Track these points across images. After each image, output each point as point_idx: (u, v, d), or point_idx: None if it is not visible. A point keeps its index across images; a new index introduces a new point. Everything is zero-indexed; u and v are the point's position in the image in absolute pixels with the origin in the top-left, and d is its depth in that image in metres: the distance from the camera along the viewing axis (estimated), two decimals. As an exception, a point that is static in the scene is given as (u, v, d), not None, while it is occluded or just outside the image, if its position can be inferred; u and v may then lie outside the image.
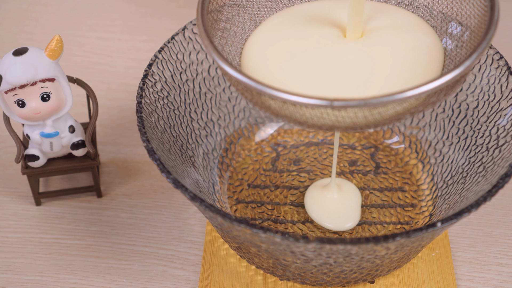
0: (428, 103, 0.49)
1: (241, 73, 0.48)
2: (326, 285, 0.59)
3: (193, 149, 0.63)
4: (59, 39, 0.59)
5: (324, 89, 0.49)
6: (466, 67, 0.47)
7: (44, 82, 0.60)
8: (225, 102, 0.66)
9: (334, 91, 0.49)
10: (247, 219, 0.63)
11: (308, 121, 0.48)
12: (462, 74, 0.47)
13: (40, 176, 0.65)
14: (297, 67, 0.51)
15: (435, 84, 0.46)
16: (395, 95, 0.46)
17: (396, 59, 0.51)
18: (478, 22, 0.51)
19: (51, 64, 0.60)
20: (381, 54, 0.51)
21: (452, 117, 0.63)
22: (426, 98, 0.49)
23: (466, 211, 0.50)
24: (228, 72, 0.48)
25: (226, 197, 0.65)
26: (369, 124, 0.48)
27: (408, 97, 0.46)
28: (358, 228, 0.63)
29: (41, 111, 0.60)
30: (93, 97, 0.64)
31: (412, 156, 0.67)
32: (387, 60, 0.50)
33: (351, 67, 0.50)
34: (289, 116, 0.49)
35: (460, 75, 0.47)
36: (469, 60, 0.47)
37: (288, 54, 0.52)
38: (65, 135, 0.63)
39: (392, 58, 0.51)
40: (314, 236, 0.61)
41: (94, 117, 0.64)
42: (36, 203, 0.67)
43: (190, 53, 0.63)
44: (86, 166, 0.65)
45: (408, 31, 0.53)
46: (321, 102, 0.46)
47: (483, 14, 0.51)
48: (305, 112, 0.48)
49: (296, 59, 0.51)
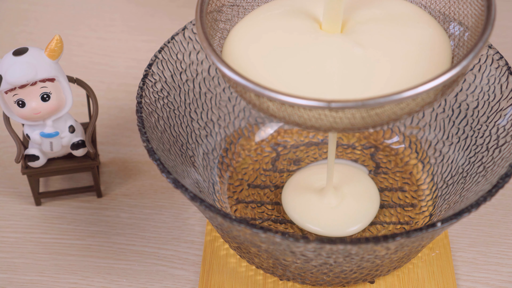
0: (426, 103, 0.49)
1: (239, 75, 0.48)
2: (326, 285, 0.59)
3: (193, 149, 0.63)
4: (59, 39, 0.59)
5: (319, 89, 0.49)
6: (463, 67, 0.47)
7: (44, 82, 0.60)
8: (225, 102, 0.66)
9: (331, 90, 0.49)
10: (247, 219, 0.63)
11: (306, 123, 0.49)
12: (459, 74, 0.47)
13: (40, 176, 0.65)
14: (284, 64, 0.51)
15: (432, 84, 0.46)
16: (392, 96, 0.46)
17: (394, 54, 0.50)
18: (475, 22, 0.51)
19: (51, 64, 0.60)
20: (377, 50, 0.51)
21: (452, 117, 0.63)
22: (424, 98, 0.49)
23: (466, 211, 0.50)
24: (226, 74, 0.48)
25: (226, 197, 0.65)
26: (367, 125, 0.48)
27: (406, 97, 0.46)
28: (358, 228, 0.63)
29: (41, 111, 0.60)
30: (93, 97, 0.64)
31: (412, 156, 0.67)
32: (383, 58, 0.50)
33: (346, 65, 0.50)
34: (287, 118, 0.49)
35: (457, 75, 0.47)
36: (466, 60, 0.47)
37: (273, 49, 0.52)
38: (65, 135, 0.63)
39: (389, 55, 0.50)
40: (314, 236, 0.61)
41: (94, 117, 0.64)
42: (36, 203, 0.67)
43: (190, 53, 0.63)
44: (86, 166, 0.65)
45: (408, 22, 0.53)
46: (319, 103, 0.46)
47: (480, 14, 0.51)
48: (303, 114, 0.48)
49: (282, 56, 0.51)
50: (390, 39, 0.51)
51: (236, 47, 0.53)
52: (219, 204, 0.63)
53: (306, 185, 0.64)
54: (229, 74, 0.48)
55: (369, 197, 0.64)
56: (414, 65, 0.50)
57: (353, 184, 0.64)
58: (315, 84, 0.49)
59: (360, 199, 0.63)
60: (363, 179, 0.65)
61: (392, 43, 0.51)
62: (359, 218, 0.62)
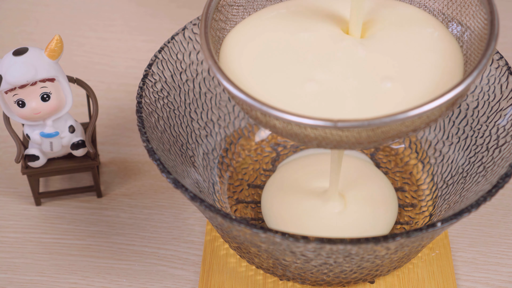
0: (430, 120, 0.49)
1: (247, 95, 0.48)
2: (326, 285, 0.59)
3: (193, 149, 0.63)
4: (59, 39, 0.59)
5: (328, 107, 0.49)
6: (466, 85, 0.47)
7: (44, 82, 0.60)
8: (225, 102, 0.66)
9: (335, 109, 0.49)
10: (247, 219, 0.63)
11: (312, 141, 0.49)
12: (462, 93, 0.47)
13: (40, 176, 0.65)
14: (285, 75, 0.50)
15: (436, 103, 0.46)
16: (397, 116, 0.46)
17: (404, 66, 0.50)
18: (479, 35, 0.51)
19: (51, 64, 0.60)
20: (387, 60, 0.51)
21: (452, 117, 0.63)
22: (429, 115, 0.48)
23: (466, 211, 0.50)
24: (234, 95, 0.48)
25: (226, 197, 0.65)
26: (372, 142, 0.48)
27: (410, 116, 0.46)
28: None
29: (41, 111, 0.60)
30: (93, 97, 0.64)
31: (412, 156, 0.67)
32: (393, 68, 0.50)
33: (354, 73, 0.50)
34: (293, 136, 0.49)
35: (459, 95, 0.47)
36: (470, 77, 0.47)
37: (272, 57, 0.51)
38: (65, 135, 0.63)
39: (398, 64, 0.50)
40: (314, 236, 0.61)
41: (94, 117, 0.64)
42: (36, 203, 0.67)
43: (190, 53, 0.63)
44: (86, 166, 0.65)
45: (418, 31, 0.53)
46: (325, 123, 0.46)
47: (483, 28, 0.51)
48: (310, 133, 0.48)
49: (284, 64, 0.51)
50: (403, 48, 0.51)
51: (233, 55, 0.53)
52: (219, 204, 0.63)
53: (291, 186, 0.64)
54: (236, 93, 0.48)
55: (384, 202, 0.62)
56: (424, 83, 0.50)
57: (362, 187, 0.63)
58: (322, 101, 0.49)
59: (373, 205, 0.62)
60: (375, 178, 0.63)
61: (405, 52, 0.51)
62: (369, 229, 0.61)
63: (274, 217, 0.61)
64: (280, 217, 0.61)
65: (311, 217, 0.61)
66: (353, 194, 0.62)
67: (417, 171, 0.66)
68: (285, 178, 0.64)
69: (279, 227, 0.60)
